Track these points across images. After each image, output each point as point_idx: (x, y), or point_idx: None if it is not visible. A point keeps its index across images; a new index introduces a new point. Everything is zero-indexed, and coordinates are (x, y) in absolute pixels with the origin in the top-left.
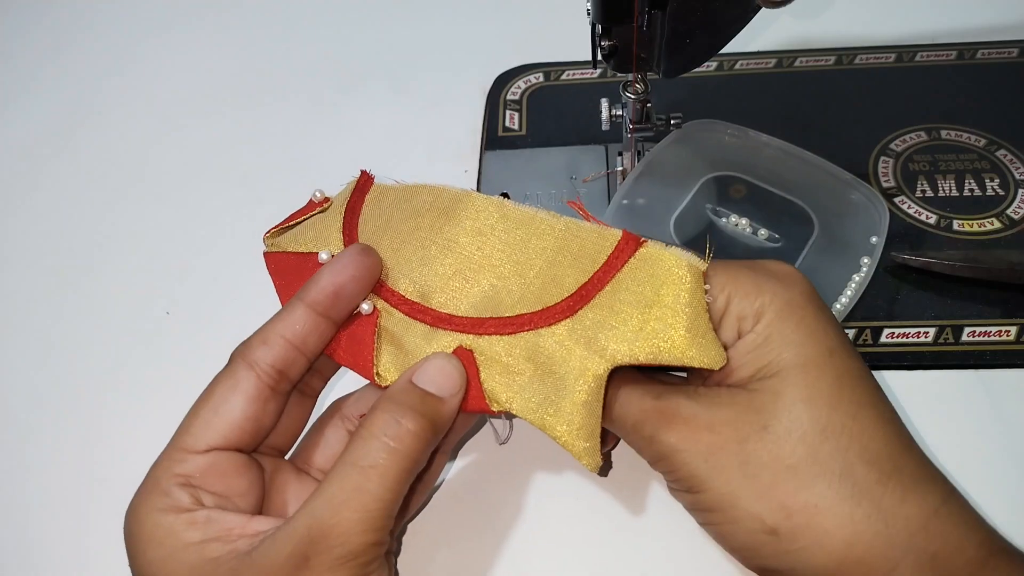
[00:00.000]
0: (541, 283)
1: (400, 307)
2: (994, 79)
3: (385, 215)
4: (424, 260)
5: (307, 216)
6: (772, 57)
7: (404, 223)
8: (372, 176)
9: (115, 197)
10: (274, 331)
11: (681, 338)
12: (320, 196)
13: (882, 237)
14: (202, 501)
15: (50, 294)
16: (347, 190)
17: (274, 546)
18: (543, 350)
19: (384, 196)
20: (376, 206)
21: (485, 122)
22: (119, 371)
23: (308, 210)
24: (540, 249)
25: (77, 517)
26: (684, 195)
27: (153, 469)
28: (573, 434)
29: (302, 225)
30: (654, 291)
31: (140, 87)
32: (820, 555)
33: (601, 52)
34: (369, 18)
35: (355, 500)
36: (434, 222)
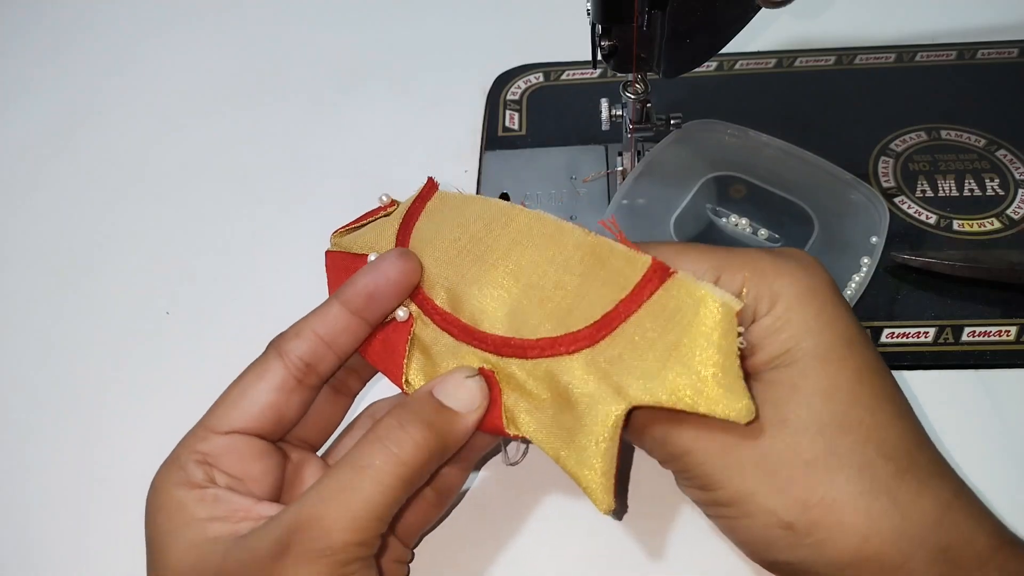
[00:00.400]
0: (567, 305)
1: (433, 316)
2: (994, 79)
3: (436, 224)
4: (459, 268)
5: (373, 219)
6: (772, 57)
7: (451, 232)
8: (437, 184)
9: (115, 197)
10: (307, 325)
11: (708, 386)
12: (387, 200)
13: (882, 237)
14: (214, 480)
15: (50, 294)
16: (412, 196)
17: (264, 532)
18: (561, 380)
19: (443, 204)
20: (433, 214)
21: (485, 122)
22: (119, 371)
23: (375, 213)
24: (569, 269)
25: (77, 517)
26: (684, 195)
27: (178, 445)
28: (586, 473)
29: (364, 228)
30: (681, 330)
31: (140, 87)
32: (835, 549)
33: (601, 52)
34: (369, 18)
35: (342, 497)
36: (476, 232)
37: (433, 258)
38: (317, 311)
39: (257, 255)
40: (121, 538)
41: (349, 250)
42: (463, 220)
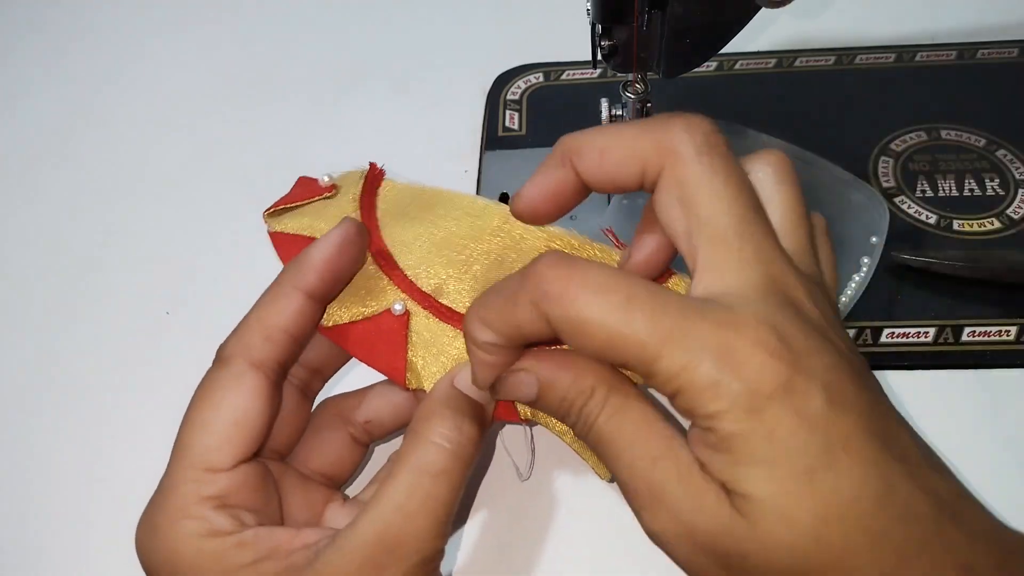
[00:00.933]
0: None
1: (430, 308)
2: (994, 79)
3: (404, 212)
4: (459, 266)
5: (312, 200)
6: (772, 57)
7: (435, 226)
8: (383, 170)
9: (115, 197)
10: (274, 324)
11: None
12: (327, 181)
13: (882, 237)
14: (243, 520)
15: (50, 294)
16: (353, 179)
17: (342, 556)
18: None
19: (400, 193)
20: (392, 204)
21: (485, 122)
22: (119, 371)
23: (310, 193)
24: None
25: (77, 517)
26: None
27: (173, 492)
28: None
29: (311, 209)
30: None
31: (140, 87)
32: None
33: (601, 52)
34: (369, 18)
35: (428, 507)
36: (462, 229)
37: (419, 256)
38: (274, 303)
39: (257, 255)
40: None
41: (302, 234)
42: (439, 217)
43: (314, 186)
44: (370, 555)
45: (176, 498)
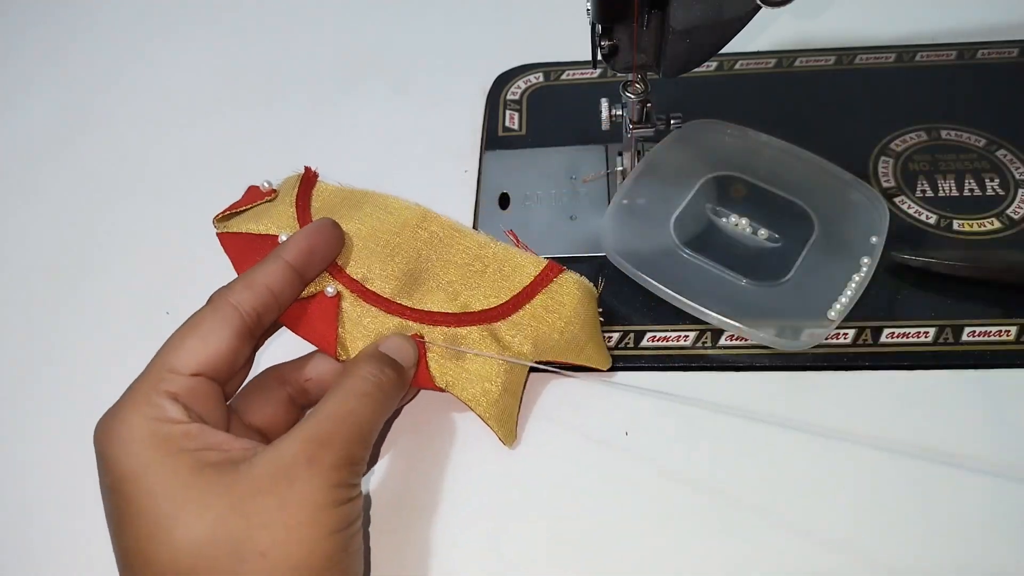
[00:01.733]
0: (483, 292)
1: (358, 292)
2: (994, 79)
3: (334, 211)
4: (382, 258)
5: (256, 204)
6: (772, 57)
7: (359, 225)
8: (316, 173)
9: (115, 197)
10: (256, 279)
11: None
12: (268, 187)
13: (882, 237)
14: (190, 417)
15: (50, 294)
16: (291, 183)
17: (278, 452)
18: (478, 344)
19: (332, 194)
20: (325, 202)
21: (485, 122)
22: (119, 371)
23: (255, 198)
24: (482, 263)
25: (77, 517)
26: (684, 195)
27: (138, 384)
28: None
29: (253, 212)
30: (568, 309)
31: (140, 87)
32: None
33: (601, 52)
34: (369, 18)
35: (353, 418)
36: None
37: (348, 249)
38: (262, 267)
39: None
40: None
41: (246, 231)
42: (365, 215)
43: (257, 192)
44: (304, 448)
45: (139, 389)
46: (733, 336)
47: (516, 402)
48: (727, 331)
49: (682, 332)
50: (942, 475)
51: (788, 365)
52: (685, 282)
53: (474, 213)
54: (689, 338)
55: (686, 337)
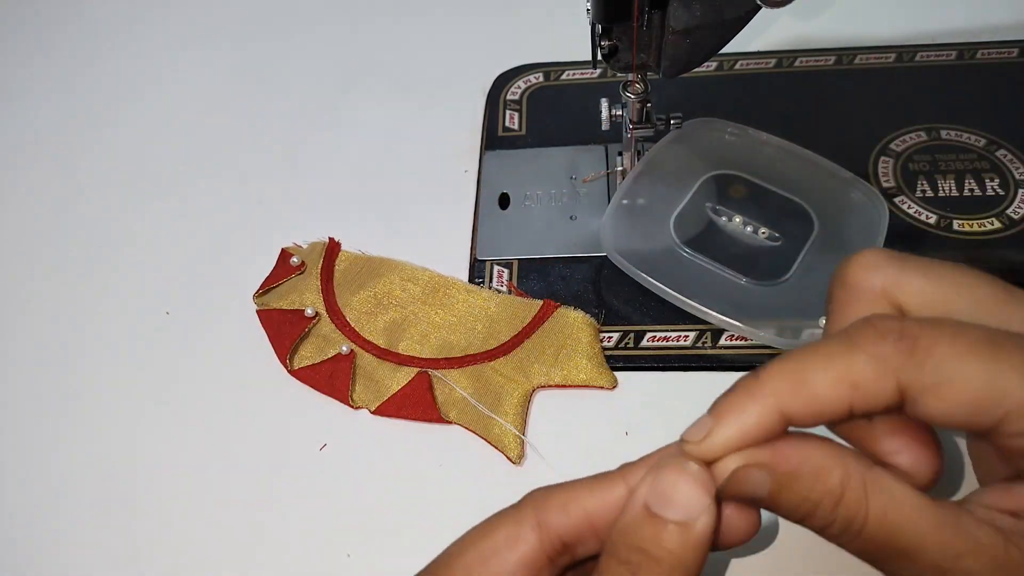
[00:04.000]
0: (483, 337)
1: (372, 351)
2: (994, 79)
3: (357, 280)
4: (394, 323)
5: (287, 279)
6: (772, 57)
7: (373, 288)
8: (339, 243)
9: (115, 197)
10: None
11: (584, 366)
12: (297, 261)
13: (882, 236)
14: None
15: (50, 294)
16: (317, 252)
17: None
18: (484, 376)
19: (353, 263)
20: (346, 271)
21: (485, 122)
22: (119, 371)
23: (286, 272)
24: (483, 315)
25: (77, 517)
26: (684, 194)
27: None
28: (505, 433)
29: (286, 287)
30: (564, 337)
31: (140, 87)
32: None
33: (601, 52)
34: (369, 18)
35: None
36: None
37: (364, 310)
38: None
39: (257, 255)
40: (122, 537)
41: (279, 307)
42: (378, 279)
43: (288, 265)
44: None
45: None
46: (733, 336)
47: (522, 422)
48: (727, 331)
49: (682, 332)
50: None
51: None
52: (685, 281)
53: (474, 213)
54: (689, 338)
55: (686, 337)
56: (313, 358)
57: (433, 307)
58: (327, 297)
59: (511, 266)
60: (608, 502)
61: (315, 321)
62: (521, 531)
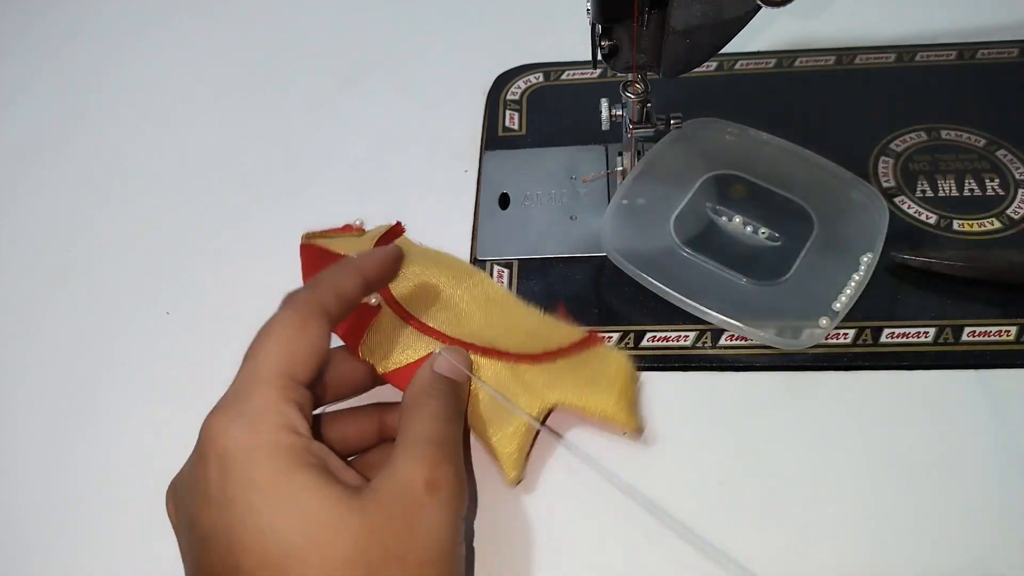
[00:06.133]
0: (517, 343)
1: (399, 312)
2: (994, 79)
3: (410, 258)
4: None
5: (344, 235)
6: (772, 57)
7: (422, 269)
8: (404, 228)
9: (115, 197)
10: (340, 288)
11: (611, 401)
12: (359, 223)
13: (882, 236)
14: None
15: (50, 294)
16: (379, 229)
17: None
18: (503, 378)
19: (409, 246)
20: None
21: (485, 122)
22: (119, 371)
23: (346, 231)
24: (524, 322)
25: (77, 517)
26: (684, 194)
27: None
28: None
29: (339, 242)
30: (601, 370)
31: (140, 86)
32: None
33: (601, 52)
34: (369, 18)
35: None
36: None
37: (407, 284)
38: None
39: (257, 255)
40: (122, 537)
41: (326, 248)
42: (429, 263)
43: (349, 228)
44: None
45: (263, 394)
46: (733, 336)
47: (528, 443)
48: (727, 331)
49: (682, 332)
50: (942, 475)
51: (788, 365)
52: (685, 281)
53: (474, 213)
54: (689, 338)
55: (686, 337)
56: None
57: (475, 304)
58: None
59: (511, 266)
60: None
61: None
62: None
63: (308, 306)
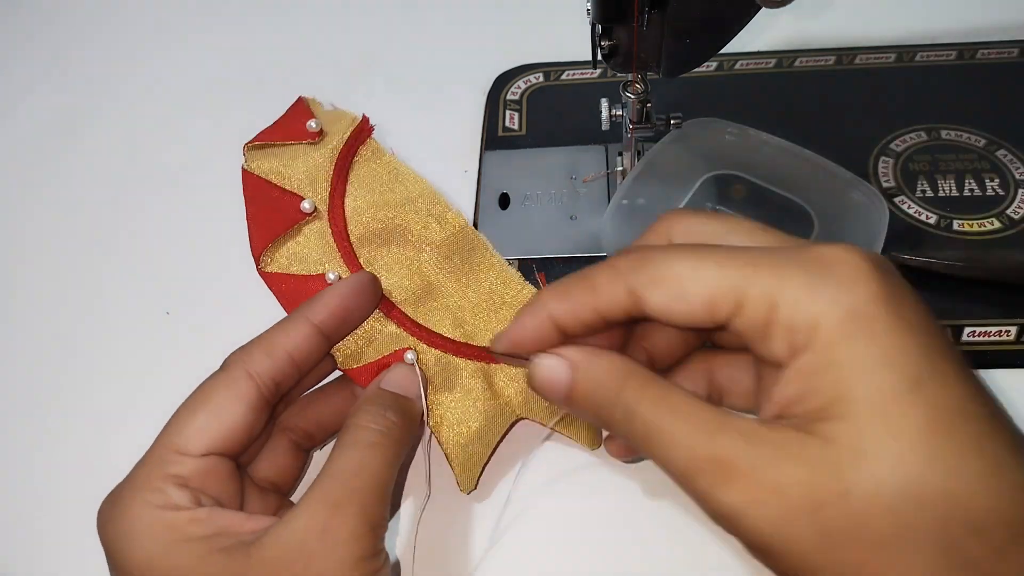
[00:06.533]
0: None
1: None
2: (994, 79)
3: (376, 182)
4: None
5: (295, 142)
6: (772, 57)
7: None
8: (372, 127)
9: (115, 197)
10: (279, 344)
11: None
12: (315, 127)
13: (882, 236)
14: (201, 503)
15: (50, 294)
16: (341, 126)
17: (289, 526)
18: (469, 379)
19: (379, 160)
20: (368, 165)
21: (485, 122)
22: (119, 371)
23: (297, 134)
24: (500, 299)
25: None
26: (684, 194)
27: (141, 468)
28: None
29: (287, 153)
30: None
31: (140, 86)
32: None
33: (601, 52)
34: (369, 18)
35: (365, 473)
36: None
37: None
38: (287, 329)
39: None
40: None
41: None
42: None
43: (300, 125)
44: (314, 522)
45: (142, 473)
46: None
47: (488, 451)
48: None
49: None
50: None
51: None
52: None
53: (474, 213)
54: None
55: None
56: (291, 267)
57: (456, 276)
58: (335, 187)
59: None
60: (300, 338)
61: (310, 219)
62: (236, 385)
63: (227, 373)
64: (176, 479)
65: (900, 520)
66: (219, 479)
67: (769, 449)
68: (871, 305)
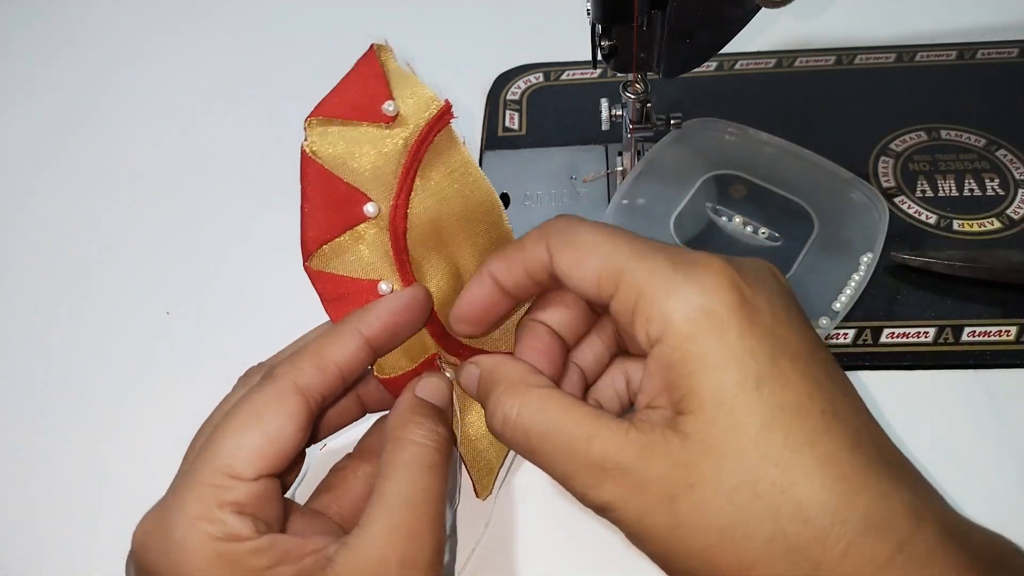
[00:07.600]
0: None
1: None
2: (994, 79)
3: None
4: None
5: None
6: (772, 57)
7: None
8: (452, 114)
9: (115, 197)
10: (330, 357)
11: None
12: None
13: (882, 236)
14: (257, 528)
15: (50, 294)
16: (419, 109)
17: (358, 555)
18: None
19: (450, 156)
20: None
21: (485, 122)
22: (119, 371)
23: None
24: None
25: (78, 517)
26: (684, 194)
27: (190, 492)
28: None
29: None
30: None
31: (140, 86)
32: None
33: (601, 52)
34: (369, 18)
35: (430, 498)
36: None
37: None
38: (335, 340)
39: (257, 255)
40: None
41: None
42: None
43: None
44: (391, 549)
45: (195, 500)
46: None
47: (501, 456)
48: None
49: None
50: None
51: None
52: None
53: None
54: None
55: None
56: (342, 268)
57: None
58: (402, 185)
59: None
60: (351, 353)
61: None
62: (286, 403)
63: (276, 387)
64: (234, 506)
65: (737, 509)
66: (270, 501)
67: (635, 450)
68: (723, 308)
